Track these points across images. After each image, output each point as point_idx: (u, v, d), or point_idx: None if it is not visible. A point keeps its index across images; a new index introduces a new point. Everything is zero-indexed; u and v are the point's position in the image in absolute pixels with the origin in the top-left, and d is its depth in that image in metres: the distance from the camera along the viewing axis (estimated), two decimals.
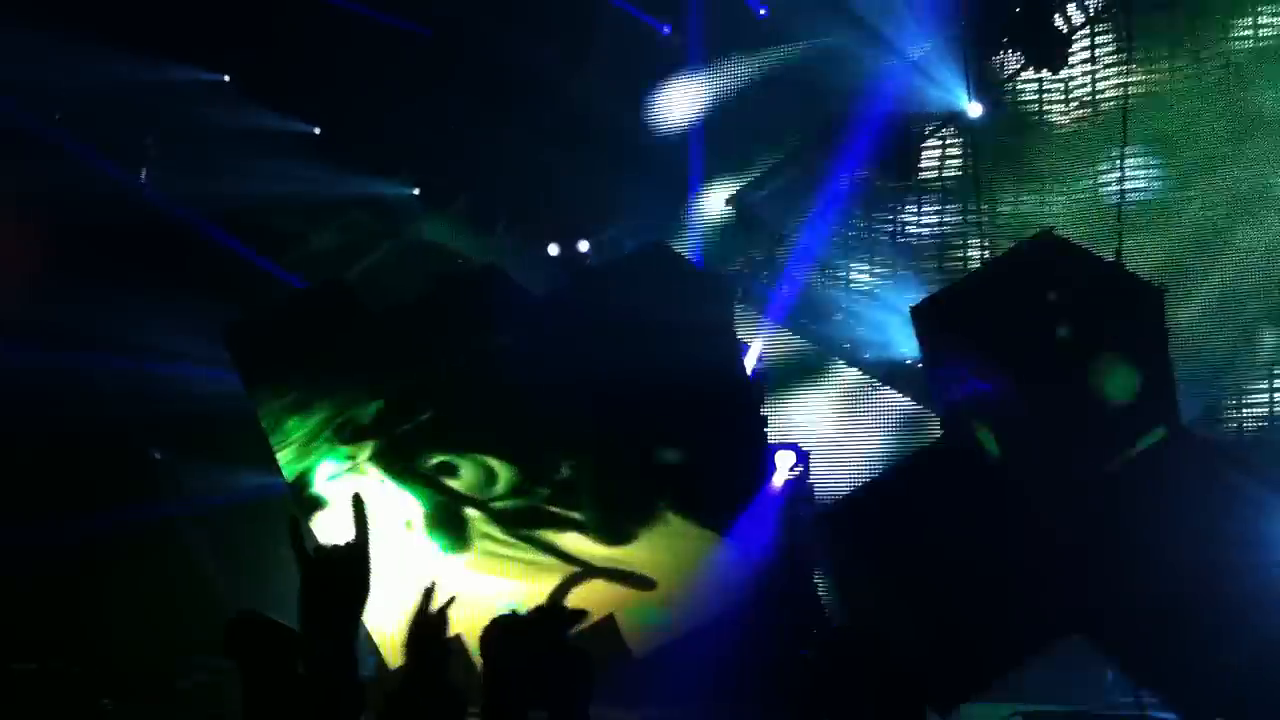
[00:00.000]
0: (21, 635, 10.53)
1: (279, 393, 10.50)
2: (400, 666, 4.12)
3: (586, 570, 10.53)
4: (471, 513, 10.69)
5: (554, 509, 10.58)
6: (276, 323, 10.91)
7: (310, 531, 10.42)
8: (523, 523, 10.64)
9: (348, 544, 3.57)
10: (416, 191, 13.83)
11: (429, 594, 4.20)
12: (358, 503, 3.31)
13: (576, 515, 10.56)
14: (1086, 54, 11.05)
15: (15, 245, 12.00)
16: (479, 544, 10.70)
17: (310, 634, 3.45)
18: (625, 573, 10.49)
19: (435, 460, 10.59)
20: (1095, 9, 10.94)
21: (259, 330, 10.81)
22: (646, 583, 10.46)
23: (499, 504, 10.63)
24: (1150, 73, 10.95)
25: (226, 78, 13.67)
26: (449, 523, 10.69)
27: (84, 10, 11.75)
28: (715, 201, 12.34)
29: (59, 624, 10.81)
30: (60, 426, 11.29)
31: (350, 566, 3.55)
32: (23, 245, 12.05)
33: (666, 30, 13.21)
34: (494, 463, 10.58)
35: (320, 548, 3.60)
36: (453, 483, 10.63)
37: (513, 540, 10.67)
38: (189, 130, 12.93)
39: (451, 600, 4.24)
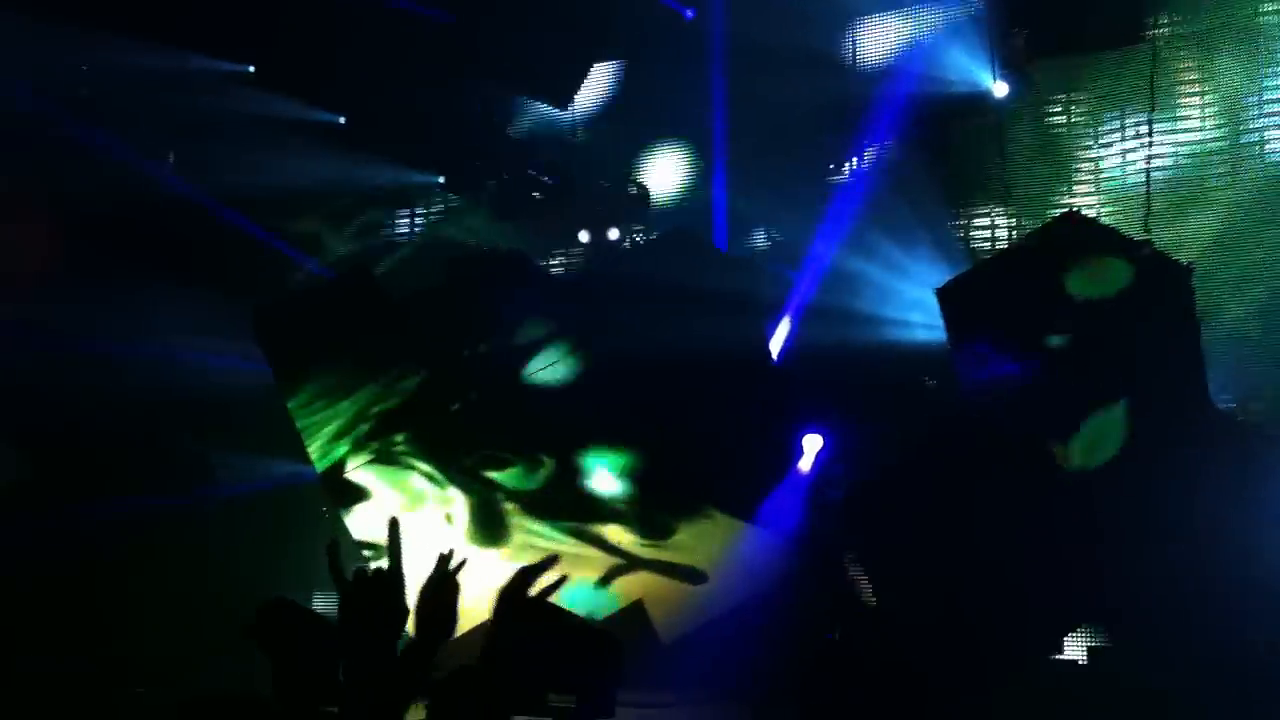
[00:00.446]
0: (44, 626, 10.66)
1: (308, 381, 10.56)
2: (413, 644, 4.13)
3: (619, 558, 10.56)
4: (506, 503, 10.73)
5: (584, 497, 10.61)
6: (304, 310, 10.98)
7: (347, 532, 10.50)
8: (555, 511, 10.67)
9: (384, 570, 3.60)
10: (442, 180, 13.85)
11: (439, 566, 4.20)
12: (393, 527, 3.34)
13: (606, 503, 10.58)
14: (1113, 32, 10.91)
15: (37, 235, 12.12)
16: (515, 535, 10.74)
17: (349, 656, 3.50)
18: (658, 561, 10.53)
19: (468, 448, 10.63)
20: None
21: (287, 318, 10.87)
22: (681, 571, 10.49)
23: (531, 493, 10.67)
24: (1180, 49, 10.82)
25: (251, 68, 13.74)
26: (484, 512, 10.73)
27: (104, 2, 11.85)
28: (739, 183, 12.29)
29: (82, 616, 10.93)
30: (86, 416, 11.41)
31: (387, 594, 3.58)
32: (45, 236, 12.17)
33: (691, 14, 13.15)
34: (525, 450, 10.60)
35: (359, 573, 3.64)
36: (486, 472, 10.67)
37: (546, 530, 10.69)
38: (213, 121, 12.99)
39: (462, 565, 4.22)
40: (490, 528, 10.75)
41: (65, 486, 11.19)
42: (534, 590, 4.03)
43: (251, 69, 13.75)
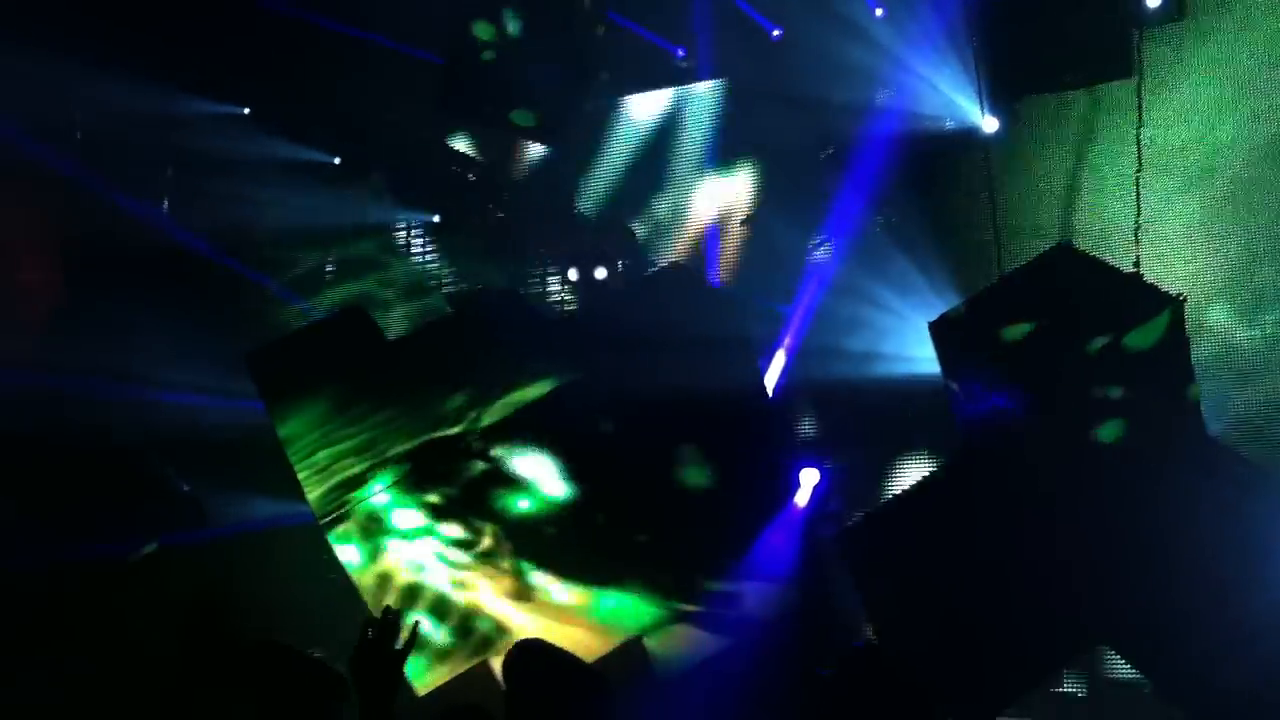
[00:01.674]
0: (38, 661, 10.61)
1: (303, 421, 10.55)
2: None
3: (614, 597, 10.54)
4: (501, 541, 10.69)
5: (580, 537, 10.59)
6: (298, 350, 10.97)
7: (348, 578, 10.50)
8: (546, 548, 10.65)
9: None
10: (436, 218, 13.92)
11: (372, 622, 4.26)
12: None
13: (601, 542, 10.57)
14: (1100, 66, 11.00)
15: (34, 276, 12.16)
16: (512, 578, 10.70)
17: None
18: (654, 600, 10.51)
19: (470, 493, 10.62)
20: (1105, 21, 10.89)
21: (282, 358, 10.87)
22: (677, 610, 10.47)
23: (524, 528, 10.66)
24: (1164, 86, 10.92)
25: (246, 110, 13.84)
26: (487, 557, 10.69)
27: (101, 43, 11.94)
28: (730, 222, 12.36)
29: (64, 658, 10.85)
30: (79, 455, 11.40)
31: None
32: (42, 276, 12.21)
33: (681, 53, 13.26)
34: (520, 488, 10.59)
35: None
36: (482, 510, 10.65)
37: (537, 566, 10.67)
38: (207, 161, 13.07)
39: (394, 625, 4.31)
40: (492, 574, 10.72)
41: (51, 527, 11.15)
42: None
43: (246, 110, 13.84)
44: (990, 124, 11.32)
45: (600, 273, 12.80)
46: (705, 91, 12.80)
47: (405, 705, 9.47)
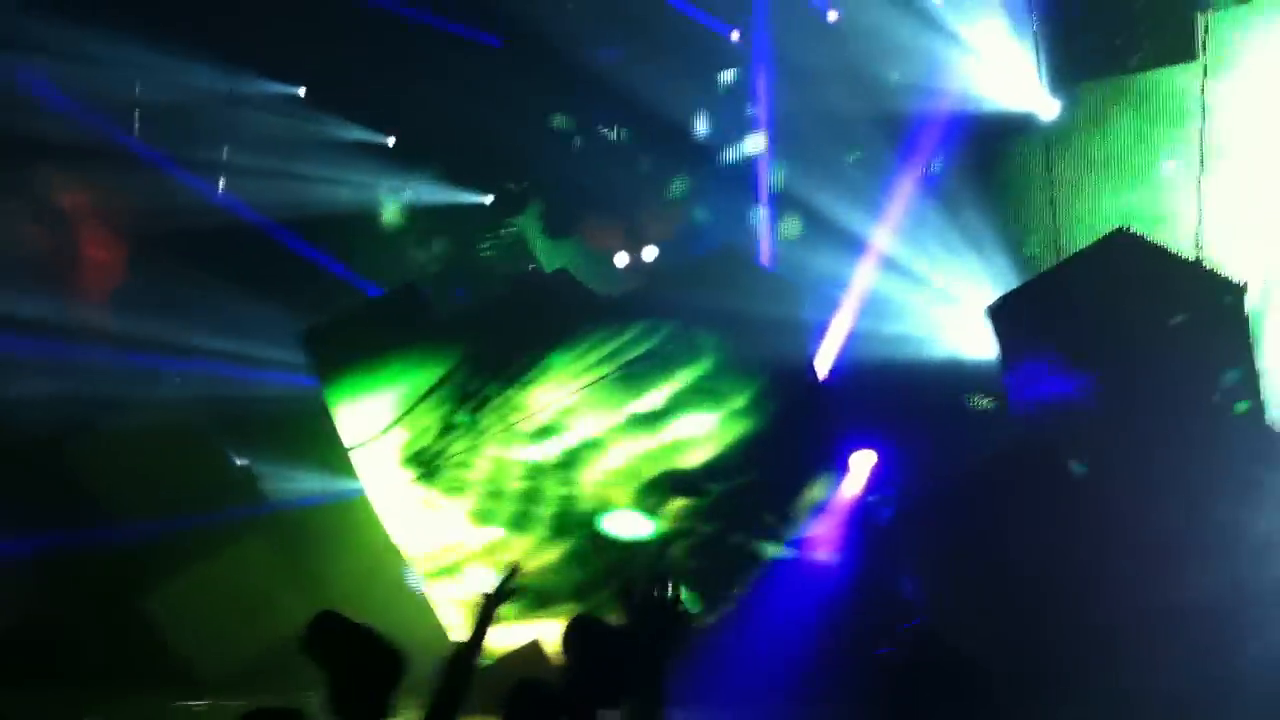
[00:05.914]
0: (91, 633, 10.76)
1: (356, 397, 10.66)
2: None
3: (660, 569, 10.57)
4: (565, 519, 10.79)
5: (635, 507, 10.66)
6: (354, 327, 11.07)
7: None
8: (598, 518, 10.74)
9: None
10: (490, 199, 13.96)
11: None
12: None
13: (655, 519, 10.63)
14: (1161, 48, 10.83)
15: (97, 252, 12.34)
16: (567, 550, 10.79)
17: None
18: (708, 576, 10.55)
19: (515, 462, 10.70)
20: (1169, 3, 10.73)
21: (337, 335, 10.98)
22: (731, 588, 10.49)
23: (570, 507, 10.73)
24: (1227, 67, 10.73)
25: (302, 91, 13.94)
26: (546, 528, 10.79)
27: (163, 26, 12.08)
28: (786, 205, 12.29)
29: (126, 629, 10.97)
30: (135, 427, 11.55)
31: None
32: (105, 252, 12.39)
33: (733, 35, 13.20)
34: (577, 464, 10.67)
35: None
36: (533, 485, 10.73)
37: (598, 544, 10.73)
38: (266, 141, 13.19)
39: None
40: (548, 542, 10.80)
41: (118, 498, 11.28)
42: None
43: (302, 91, 13.95)
44: (1050, 107, 11.18)
45: (649, 253, 12.80)
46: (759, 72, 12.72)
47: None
